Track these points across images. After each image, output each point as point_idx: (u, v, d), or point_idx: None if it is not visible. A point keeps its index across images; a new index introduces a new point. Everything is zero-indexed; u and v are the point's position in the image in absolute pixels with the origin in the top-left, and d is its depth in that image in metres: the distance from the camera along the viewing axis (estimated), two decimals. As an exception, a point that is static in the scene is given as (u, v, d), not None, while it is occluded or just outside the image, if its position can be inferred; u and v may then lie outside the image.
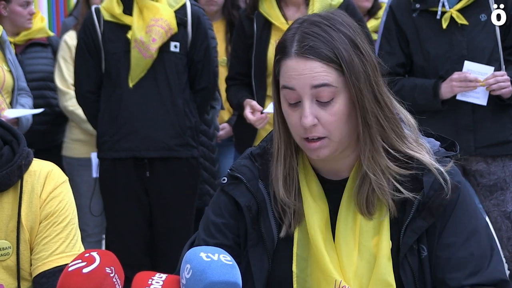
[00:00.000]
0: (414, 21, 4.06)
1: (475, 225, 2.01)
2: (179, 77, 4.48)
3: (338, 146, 1.98)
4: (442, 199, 1.97)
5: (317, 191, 2.05)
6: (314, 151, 1.98)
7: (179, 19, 4.48)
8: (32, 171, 2.33)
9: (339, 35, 1.95)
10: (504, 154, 3.99)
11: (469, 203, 2.03)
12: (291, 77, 1.95)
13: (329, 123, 1.95)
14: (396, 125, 2.00)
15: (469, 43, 3.98)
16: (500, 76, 3.91)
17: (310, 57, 1.93)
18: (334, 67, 1.93)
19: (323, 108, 1.94)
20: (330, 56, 1.93)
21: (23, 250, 2.30)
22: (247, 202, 2.06)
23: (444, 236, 1.99)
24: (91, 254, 1.81)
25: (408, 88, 4.05)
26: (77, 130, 5.13)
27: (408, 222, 1.98)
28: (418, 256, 1.99)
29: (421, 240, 1.99)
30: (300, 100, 1.95)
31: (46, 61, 5.11)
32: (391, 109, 2.00)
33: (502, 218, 3.99)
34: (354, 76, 1.93)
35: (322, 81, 1.93)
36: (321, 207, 2.03)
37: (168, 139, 4.43)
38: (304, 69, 1.93)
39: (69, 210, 2.34)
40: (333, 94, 1.94)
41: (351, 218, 2.02)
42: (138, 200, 4.47)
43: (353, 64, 1.94)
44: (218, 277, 1.73)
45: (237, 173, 2.09)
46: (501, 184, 3.98)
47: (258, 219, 2.05)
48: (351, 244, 2.00)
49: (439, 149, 2.07)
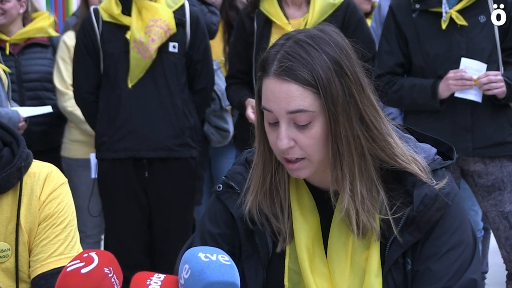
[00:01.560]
0: (414, 21, 4.07)
1: (459, 238, 1.97)
2: (178, 78, 4.48)
3: (318, 166, 1.96)
4: (431, 215, 1.94)
5: (307, 204, 2.02)
6: (294, 172, 1.96)
7: (177, 20, 4.48)
8: (32, 172, 2.33)
9: (322, 56, 1.91)
10: (501, 155, 3.99)
11: (458, 215, 1.99)
12: (268, 100, 1.93)
13: (307, 146, 1.92)
14: (385, 144, 1.95)
15: (468, 44, 3.98)
16: (493, 75, 3.91)
17: (286, 79, 1.90)
18: (311, 90, 1.89)
19: (301, 131, 1.92)
20: (307, 79, 1.89)
21: (22, 252, 2.30)
22: (242, 213, 2.04)
23: (425, 248, 1.96)
24: (89, 254, 1.81)
25: (407, 88, 4.05)
26: (76, 131, 5.12)
27: (395, 237, 1.95)
28: (403, 269, 1.96)
29: (406, 253, 1.96)
30: (278, 121, 1.93)
31: (45, 62, 5.08)
32: (379, 129, 1.95)
33: (500, 218, 3.99)
34: (331, 100, 1.89)
35: (297, 107, 1.90)
36: (310, 222, 2.01)
37: (167, 140, 4.43)
38: (280, 92, 1.90)
39: (68, 212, 2.35)
40: (310, 118, 1.91)
41: (344, 234, 1.99)
42: (137, 200, 4.47)
43: (331, 88, 1.89)
44: (217, 277, 1.74)
45: (232, 182, 2.07)
46: (498, 184, 3.98)
47: (252, 231, 2.04)
48: (343, 260, 1.98)
49: (434, 159, 2.03)
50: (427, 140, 2.11)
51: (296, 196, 2.03)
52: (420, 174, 1.96)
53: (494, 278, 5.64)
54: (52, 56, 5.13)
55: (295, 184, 2.05)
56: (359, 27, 4.43)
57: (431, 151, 2.05)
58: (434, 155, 2.04)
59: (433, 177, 1.98)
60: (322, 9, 4.37)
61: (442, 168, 2.02)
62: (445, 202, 1.95)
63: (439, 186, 1.96)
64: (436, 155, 2.05)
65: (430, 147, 2.07)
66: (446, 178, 1.99)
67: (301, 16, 4.39)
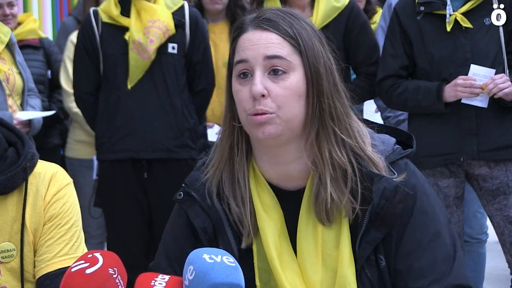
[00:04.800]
0: (418, 24, 4.06)
1: (435, 229, 1.94)
2: (177, 79, 4.48)
3: (286, 128, 1.91)
4: (394, 208, 1.90)
5: (269, 203, 1.99)
6: (260, 127, 1.90)
7: (176, 21, 4.49)
8: (37, 173, 2.33)
9: (300, 22, 1.93)
10: (507, 159, 3.98)
11: (427, 206, 1.95)
12: (245, 49, 1.92)
13: (279, 96, 1.89)
14: (349, 124, 1.94)
15: (473, 47, 3.98)
16: (499, 78, 3.91)
17: (267, 28, 1.91)
18: (290, 43, 1.90)
19: (275, 81, 1.90)
20: (287, 31, 1.90)
21: (27, 252, 2.30)
22: (202, 223, 2.01)
23: (403, 245, 1.93)
24: (94, 255, 1.82)
25: (412, 90, 4.05)
26: (80, 132, 5.13)
27: (362, 234, 1.92)
28: (376, 266, 1.93)
29: (378, 250, 1.93)
30: (252, 75, 1.91)
31: (37, 64, 5.09)
32: (347, 108, 1.95)
33: (505, 222, 3.98)
34: (312, 56, 1.90)
35: (275, 53, 1.89)
36: (274, 219, 1.98)
37: (167, 141, 4.43)
38: (260, 39, 1.91)
39: (73, 212, 2.34)
40: (286, 68, 1.90)
41: (311, 228, 1.96)
42: (137, 201, 4.46)
43: (313, 46, 1.91)
44: (221, 279, 1.73)
45: (191, 190, 2.04)
46: (503, 188, 3.97)
47: (216, 239, 2.01)
48: (313, 255, 1.95)
49: (393, 149, 1.99)
50: (385, 130, 2.08)
51: (257, 192, 2.00)
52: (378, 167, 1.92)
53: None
54: (43, 58, 5.14)
55: (254, 180, 2.01)
56: (362, 31, 4.43)
57: (390, 141, 2.01)
58: (393, 145, 2.00)
59: (393, 168, 1.95)
60: (326, 12, 4.37)
61: (403, 158, 1.98)
62: (406, 192, 1.91)
63: (400, 178, 1.92)
64: (395, 145, 2.01)
65: (389, 137, 2.03)
66: (406, 170, 1.95)
67: (305, 20, 4.39)
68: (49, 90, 5.21)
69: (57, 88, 5.21)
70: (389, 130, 2.08)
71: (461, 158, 3.98)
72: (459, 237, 4.11)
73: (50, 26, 7.50)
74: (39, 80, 5.00)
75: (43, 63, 5.14)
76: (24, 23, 5.18)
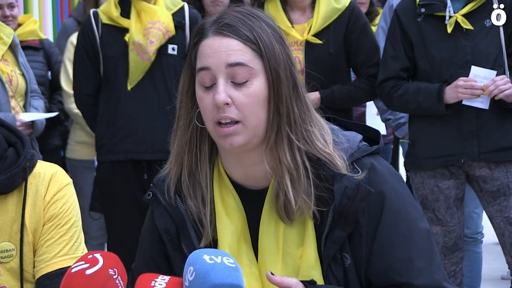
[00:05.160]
0: (419, 25, 4.06)
1: (407, 227, 1.93)
2: (177, 80, 4.47)
3: (252, 135, 1.91)
4: (356, 206, 1.89)
5: (231, 203, 1.98)
6: (227, 138, 1.90)
7: (176, 22, 4.49)
8: (37, 173, 2.33)
9: (261, 23, 1.92)
10: (507, 160, 3.98)
11: (397, 204, 1.94)
12: (207, 56, 1.91)
13: (243, 104, 1.89)
14: (310, 124, 1.93)
15: (473, 48, 3.98)
16: (500, 80, 3.91)
17: (227, 34, 1.90)
18: (251, 48, 1.89)
19: (238, 89, 1.89)
20: (248, 36, 1.89)
21: (26, 252, 2.30)
22: (165, 224, 2.00)
23: (377, 245, 1.92)
24: (94, 255, 1.82)
25: (413, 92, 4.05)
26: (81, 132, 5.12)
27: (327, 233, 1.91)
28: (342, 265, 1.93)
29: (343, 248, 1.92)
30: (215, 83, 1.90)
31: (37, 65, 5.09)
32: (309, 107, 1.94)
33: (505, 224, 3.98)
34: (273, 60, 1.89)
35: (237, 60, 1.88)
36: (234, 221, 1.97)
37: (167, 142, 4.41)
38: (220, 46, 1.89)
39: (72, 212, 2.34)
40: (248, 74, 1.89)
41: (273, 226, 1.95)
42: (137, 202, 4.45)
43: (273, 49, 1.90)
44: (221, 280, 1.73)
45: (156, 190, 2.03)
46: (504, 190, 3.97)
47: (179, 240, 2.00)
48: (274, 252, 1.95)
49: (359, 146, 1.97)
50: (352, 127, 2.06)
51: (219, 194, 1.99)
52: (339, 166, 1.91)
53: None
54: (43, 59, 5.15)
55: (218, 181, 2.00)
56: (363, 32, 4.42)
57: (355, 139, 1.99)
58: (358, 142, 1.99)
59: (358, 166, 1.94)
60: (327, 14, 4.36)
61: (370, 155, 1.96)
62: (368, 190, 1.90)
63: (361, 175, 1.91)
64: (362, 141, 2.00)
65: (355, 134, 2.01)
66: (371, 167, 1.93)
67: (305, 21, 4.38)
68: (49, 91, 5.21)
69: (58, 89, 5.21)
70: (357, 127, 2.06)
71: (462, 159, 3.98)
72: (459, 238, 4.11)
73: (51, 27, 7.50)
74: (39, 81, 4.99)
75: (44, 64, 5.14)
76: (24, 24, 5.19)
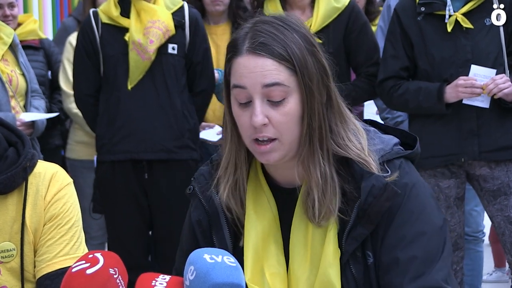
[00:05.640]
0: (419, 24, 4.06)
1: (420, 228, 1.93)
2: (177, 79, 4.48)
3: (288, 150, 1.94)
4: (380, 205, 1.90)
5: (264, 203, 2.00)
6: (264, 155, 1.93)
7: (176, 21, 4.49)
8: (37, 173, 2.33)
9: (293, 34, 1.91)
10: (508, 159, 3.98)
11: (415, 206, 1.95)
12: (242, 75, 1.90)
13: (280, 123, 1.90)
14: (343, 129, 1.95)
15: (473, 47, 3.98)
16: (499, 79, 3.91)
17: (261, 54, 1.89)
18: (286, 66, 1.89)
19: (274, 108, 1.90)
20: (282, 54, 1.89)
21: (27, 252, 2.30)
22: (198, 216, 2.04)
23: (386, 240, 1.93)
24: (94, 255, 1.81)
25: (413, 91, 4.05)
26: (81, 132, 5.12)
27: (349, 229, 1.92)
28: (363, 263, 1.94)
29: (366, 246, 1.94)
30: (251, 100, 1.91)
31: (37, 65, 5.08)
32: (343, 113, 1.97)
33: (506, 223, 3.98)
34: (307, 75, 1.90)
35: (273, 80, 1.88)
36: (262, 221, 1.99)
37: (167, 141, 4.43)
38: (256, 66, 1.89)
39: (73, 212, 2.34)
40: (285, 93, 1.89)
41: (303, 228, 1.97)
42: (137, 202, 4.46)
43: (306, 64, 1.90)
44: (222, 279, 1.73)
45: (195, 184, 2.06)
46: (504, 189, 3.97)
47: (210, 233, 2.03)
48: (303, 255, 1.96)
49: (391, 149, 1.99)
50: (391, 132, 2.07)
51: (253, 194, 2.01)
52: (372, 167, 1.92)
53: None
54: (43, 59, 5.14)
55: (254, 181, 2.02)
56: (363, 32, 4.42)
57: (390, 142, 2.01)
58: (393, 145, 2.00)
59: (388, 167, 1.95)
60: (326, 13, 4.37)
61: (400, 158, 1.97)
62: (395, 191, 1.91)
63: (392, 177, 1.92)
64: (397, 145, 2.01)
65: (391, 137, 2.03)
66: (399, 168, 1.95)
67: (305, 21, 4.37)
68: (49, 90, 5.21)
69: (58, 89, 5.21)
70: (395, 132, 2.08)
71: (462, 158, 3.98)
72: (460, 238, 4.11)
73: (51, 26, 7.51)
74: (39, 81, 4.98)
75: (44, 64, 5.14)
76: (24, 23, 5.18)
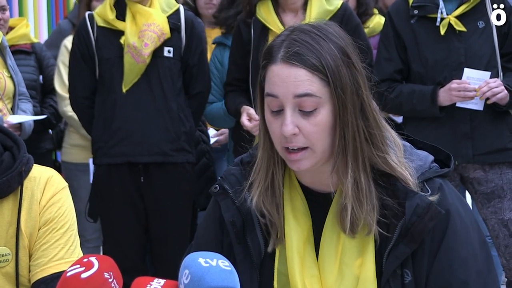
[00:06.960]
0: (412, 27, 4.07)
1: (466, 252, 1.95)
2: (173, 82, 4.48)
3: (320, 158, 1.94)
4: (425, 225, 1.91)
5: (300, 207, 2.01)
6: (295, 163, 1.94)
7: (172, 24, 4.49)
8: (32, 177, 2.33)
9: (329, 45, 1.91)
10: (501, 162, 3.99)
11: (459, 228, 1.96)
12: (275, 84, 1.91)
13: (311, 133, 1.91)
14: (381, 142, 1.95)
15: (467, 50, 3.99)
16: (493, 83, 3.92)
17: (295, 64, 1.89)
18: (319, 77, 1.89)
19: (306, 118, 1.91)
20: (315, 65, 1.89)
21: (22, 256, 2.30)
22: (231, 217, 2.03)
23: (435, 265, 1.94)
24: (89, 259, 1.81)
25: (406, 94, 4.05)
26: (76, 136, 5.12)
27: (391, 248, 1.93)
28: (401, 280, 1.94)
29: (405, 264, 1.94)
30: (283, 108, 1.91)
31: (28, 69, 5.07)
32: (379, 125, 1.96)
33: (500, 226, 3.99)
34: (340, 88, 1.90)
35: (305, 91, 1.89)
36: (301, 224, 2.00)
37: (163, 144, 4.43)
38: (289, 76, 1.90)
39: (68, 216, 2.34)
40: (316, 104, 1.90)
41: (335, 235, 1.98)
42: (133, 205, 4.46)
43: (340, 75, 1.90)
44: (217, 283, 1.74)
45: (225, 183, 2.06)
46: (498, 191, 3.98)
47: (244, 234, 2.03)
48: (332, 264, 1.97)
49: (430, 167, 1.99)
50: (425, 147, 2.08)
51: (289, 197, 2.02)
52: (410, 183, 1.93)
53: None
54: (35, 63, 5.13)
55: (288, 185, 2.03)
56: (355, 34, 4.42)
57: (427, 159, 2.01)
58: (430, 162, 2.01)
59: (428, 186, 1.96)
60: (319, 15, 4.37)
61: (439, 177, 1.99)
62: (438, 211, 1.92)
63: (434, 197, 1.93)
64: (433, 162, 2.02)
65: (427, 154, 2.03)
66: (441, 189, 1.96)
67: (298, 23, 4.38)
68: (41, 95, 5.20)
69: (49, 93, 5.20)
70: (429, 148, 2.08)
71: (456, 161, 3.99)
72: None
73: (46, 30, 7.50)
74: (31, 86, 4.97)
75: (35, 68, 5.12)
76: (16, 28, 5.16)
